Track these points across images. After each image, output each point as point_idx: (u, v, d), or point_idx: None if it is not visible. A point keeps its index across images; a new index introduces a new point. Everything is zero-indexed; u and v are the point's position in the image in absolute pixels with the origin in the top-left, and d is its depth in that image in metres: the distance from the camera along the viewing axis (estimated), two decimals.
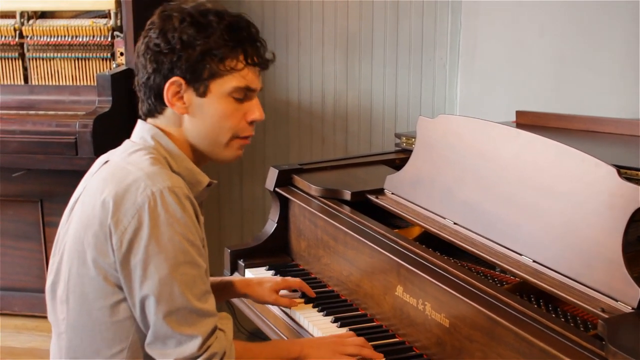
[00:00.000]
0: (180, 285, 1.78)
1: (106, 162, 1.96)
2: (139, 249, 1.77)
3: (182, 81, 1.90)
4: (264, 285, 2.43)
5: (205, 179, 2.01)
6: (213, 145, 1.98)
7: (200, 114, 1.93)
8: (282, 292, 2.47)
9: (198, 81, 1.90)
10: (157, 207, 1.77)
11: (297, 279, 2.50)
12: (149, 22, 1.96)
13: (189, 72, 1.89)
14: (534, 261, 2.05)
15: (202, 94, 1.91)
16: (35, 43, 3.80)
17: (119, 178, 1.83)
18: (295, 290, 2.51)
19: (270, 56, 2.03)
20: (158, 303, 1.78)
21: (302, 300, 2.47)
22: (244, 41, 1.93)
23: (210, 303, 1.86)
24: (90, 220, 1.83)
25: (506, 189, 2.19)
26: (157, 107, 1.95)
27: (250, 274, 2.72)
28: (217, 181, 2.13)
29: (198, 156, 2.00)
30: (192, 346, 1.81)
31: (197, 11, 1.91)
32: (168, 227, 1.77)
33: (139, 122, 2.01)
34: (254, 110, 2.00)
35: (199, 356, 1.81)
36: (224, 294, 2.44)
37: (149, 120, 1.99)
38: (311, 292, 2.48)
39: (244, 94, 1.96)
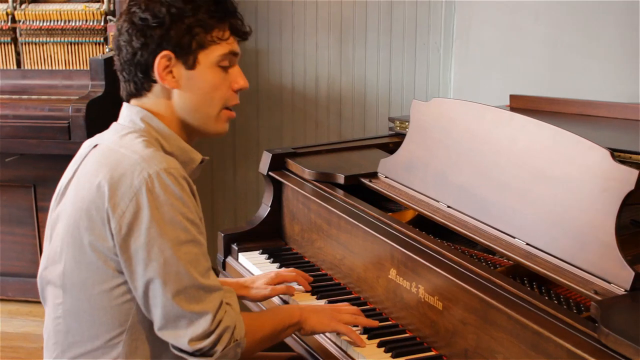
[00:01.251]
0: (185, 264, 1.78)
1: (95, 145, 1.94)
2: (140, 232, 1.76)
3: (171, 55, 1.89)
4: (257, 283, 2.41)
5: (198, 156, 2.01)
6: (204, 118, 1.97)
7: (190, 87, 1.93)
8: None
9: (187, 53, 1.90)
10: (155, 188, 1.76)
11: (292, 272, 2.46)
12: (128, 2, 1.94)
13: (178, 45, 1.89)
14: (527, 244, 2.05)
15: (191, 66, 1.91)
16: (28, 27, 3.78)
17: (113, 161, 1.82)
18: None
19: (247, 29, 2.04)
20: (165, 284, 1.77)
21: (301, 288, 2.45)
22: (229, 13, 1.95)
23: (214, 278, 1.86)
24: (85, 204, 1.82)
25: (500, 172, 2.19)
26: (144, 84, 1.94)
27: (243, 257, 2.72)
28: (209, 157, 2.12)
29: (188, 132, 1.99)
30: (204, 323, 1.80)
31: None
32: (168, 207, 1.76)
33: (125, 105, 1.99)
34: (238, 78, 2.01)
35: (212, 332, 1.81)
36: None
37: (134, 101, 1.97)
38: (308, 277, 2.47)
39: (228, 61, 1.97)
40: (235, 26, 1.97)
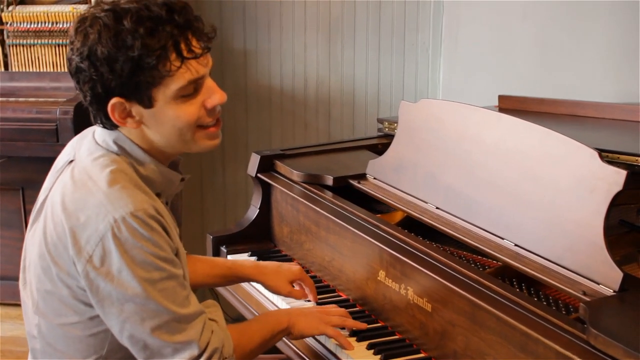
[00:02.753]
0: (161, 301, 1.73)
1: (71, 161, 1.87)
2: (112, 275, 1.70)
3: (122, 100, 1.74)
4: (280, 276, 2.34)
5: (176, 178, 1.92)
6: (181, 144, 1.85)
7: (155, 123, 1.80)
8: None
9: (138, 94, 1.74)
10: (122, 234, 1.69)
11: (310, 280, 2.40)
12: (69, 38, 1.79)
13: (125, 90, 1.73)
14: (515, 245, 2.05)
15: (149, 105, 1.76)
16: (15, 29, 3.77)
17: (79, 199, 1.75)
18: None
19: (209, 30, 1.82)
20: (143, 321, 1.73)
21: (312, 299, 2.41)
22: (170, 38, 1.72)
23: (194, 303, 1.82)
24: (53, 239, 1.78)
25: (488, 173, 2.19)
26: (112, 124, 1.82)
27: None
28: (190, 175, 2.04)
29: (172, 153, 1.90)
30: (191, 351, 1.78)
31: (112, 19, 1.71)
32: (138, 250, 1.70)
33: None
34: (212, 95, 1.83)
35: (200, 356, 1.79)
36: (233, 278, 2.38)
37: None
38: (315, 297, 2.39)
39: (193, 88, 1.79)
40: (183, 48, 1.74)
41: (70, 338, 1.83)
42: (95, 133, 1.88)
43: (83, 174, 1.79)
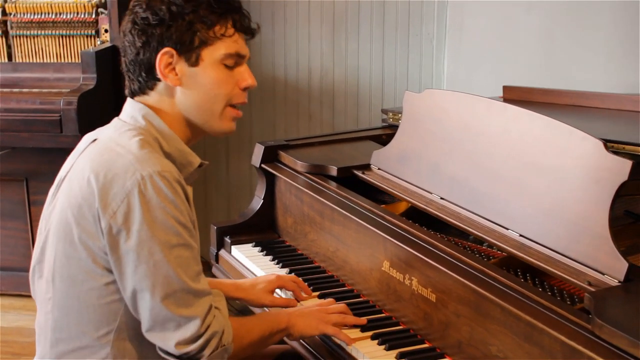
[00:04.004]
0: (175, 268, 1.76)
1: (94, 140, 1.92)
2: (131, 233, 1.74)
3: (173, 51, 1.86)
4: (257, 288, 2.37)
5: (196, 160, 1.99)
6: (208, 116, 1.95)
7: (193, 84, 1.90)
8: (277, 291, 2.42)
9: (189, 50, 1.87)
10: (147, 191, 1.73)
11: (292, 277, 2.42)
12: (132, 2, 1.93)
13: (179, 42, 1.86)
14: (520, 235, 2.05)
15: (194, 63, 1.89)
16: (19, 20, 3.77)
17: (107, 160, 1.80)
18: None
19: (255, 26, 2.00)
20: (154, 287, 1.75)
21: (298, 299, 2.40)
22: (231, 8, 1.91)
23: (204, 283, 1.84)
24: (77, 200, 1.80)
25: (493, 163, 2.18)
26: (148, 83, 1.92)
27: (236, 250, 2.71)
28: (208, 162, 2.10)
29: (192, 130, 1.97)
30: (193, 327, 1.79)
31: None
32: (160, 210, 1.74)
33: (129, 100, 1.96)
34: (246, 76, 1.97)
35: (200, 336, 1.80)
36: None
37: (139, 98, 1.95)
38: (307, 289, 2.41)
39: (234, 61, 1.93)
40: (238, 22, 1.93)
41: (84, 308, 1.83)
42: (122, 113, 1.95)
43: (110, 142, 1.86)
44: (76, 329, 1.86)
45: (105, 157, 1.81)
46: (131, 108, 1.93)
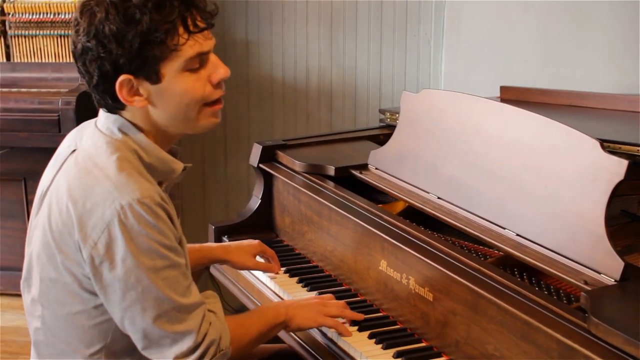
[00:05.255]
0: (163, 289, 1.75)
1: (74, 151, 1.86)
2: (116, 263, 1.72)
3: (130, 77, 1.75)
4: (243, 251, 2.41)
5: (179, 166, 1.91)
6: (185, 122, 1.86)
7: (162, 100, 1.80)
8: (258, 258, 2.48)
9: (147, 71, 1.75)
10: (128, 220, 1.70)
11: (271, 250, 2.50)
12: (74, 20, 1.80)
13: (133, 66, 1.74)
14: (517, 235, 2.05)
15: (157, 81, 1.77)
16: (17, 20, 3.77)
17: (84, 185, 1.75)
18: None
19: (212, 8, 1.83)
20: (144, 310, 1.74)
21: (281, 269, 2.51)
22: (177, 12, 1.74)
23: (194, 294, 1.83)
24: (58, 227, 1.78)
25: (490, 163, 2.19)
26: (116, 105, 1.82)
27: None
28: (191, 164, 2.04)
29: (172, 136, 1.90)
30: (189, 340, 1.79)
31: None
32: (143, 237, 1.71)
33: (101, 112, 1.88)
34: (216, 69, 1.85)
35: (197, 347, 1.80)
36: (204, 260, 2.41)
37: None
38: (278, 266, 2.50)
39: (198, 62, 1.80)
40: (190, 24, 1.76)
41: (74, 328, 1.83)
42: (98, 122, 1.88)
43: (88, 161, 1.80)
44: (67, 348, 1.86)
45: (83, 182, 1.76)
46: (106, 119, 1.86)
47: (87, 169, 1.78)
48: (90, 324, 1.82)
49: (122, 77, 1.75)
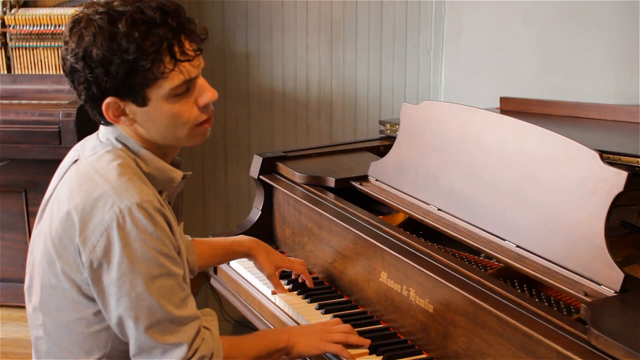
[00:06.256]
0: (158, 299, 1.75)
1: (76, 161, 1.89)
2: (112, 267, 1.73)
3: (116, 99, 1.77)
4: (270, 257, 2.47)
5: (178, 175, 1.93)
6: (175, 141, 1.88)
7: (148, 121, 1.82)
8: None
9: (133, 94, 1.77)
10: (126, 224, 1.72)
11: (301, 265, 2.52)
12: (63, 37, 1.80)
13: (119, 90, 1.75)
14: (517, 246, 2.06)
15: (143, 104, 1.78)
16: (18, 32, 3.78)
17: (85, 191, 1.77)
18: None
19: (202, 32, 1.83)
20: (138, 318, 1.75)
21: (289, 287, 2.49)
22: (164, 41, 1.74)
23: (191, 307, 1.83)
24: (58, 233, 1.79)
25: (490, 174, 2.19)
26: (107, 122, 1.84)
27: (235, 262, 2.71)
28: (191, 172, 2.07)
29: (165, 150, 1.91)
30: (179, 352, 1.79)
31: (107, 21, 1.73)
32: (140, 243, 1.72)
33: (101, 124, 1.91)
34: (203, 93, 1.85)
35: None
36: (231, 254, 2.51)
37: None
38: (310, 283, 2.50)
39: (185, 88, 1.80)
40: (177, 52, 1.76)
41: (74, 335, 1.84)
42: (99, 133, 1.91)
43: (89, 169, 1.82)
44: (68, 355, 1.87)
45: (84, 188, 1.78)
46: (105, 131, 1.89)
47: (88, 175, 1.80)
48: (90, 331, 1.83)
49: (108, 99, 1.77)
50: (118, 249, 1.72)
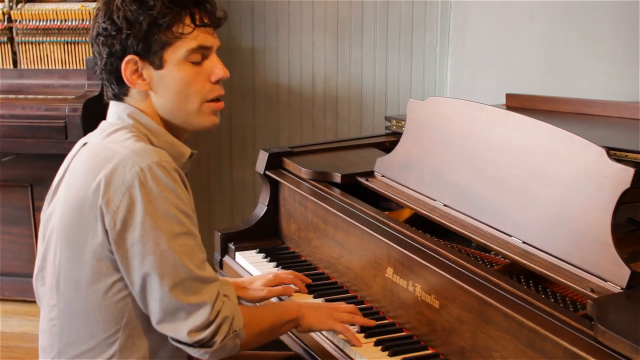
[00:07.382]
0: (180, 256, 1.78)
1: (85, 144, 1.95)
2: (135, 226, 1.76)
3: (136, 58, 1.89)
4: (254, 284, 2.41)
5: (187, 150, 2.00)
6: (185, 115, 1.96)
7: (162, 87, 1.92)
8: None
9: (151, 54, 1.89)
10: (147, 182, 1.76)
11: (289, 274, 2.47)
12: (95, 9, 1.96)
13: (140, 47, 1.88)
14: (523, 242, 2.05)
15: (159, 66, 1.90)
16: (24, 27, 3.79)
17: (104, 158, 1.82)
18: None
19: (221, 14, 1.99)
20: (162, 277, 1.77)
21: (296, 288, 2.46)
22: (188, 4, 1.90)
23: (210, 270, 1.87)
24: (77, 202, 1.82)
25: (496, 170, 2.19)
26: (121, 89, 1.95)
27: (241, 257, 2.72)
28: (197, 151, 2.11)
29: (175, 129, 1.99)
30: (203, 313, 1.81)
31: None
32: (162, 200, 1.77)
33: (112, 103, 1.99)
34: (215, 69, 1.96)
35: (211, 322, 1.82)
36: None
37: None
38: (306, 279, 2.48)
39: (200, 55, 1.93)
40: (197, 17, 1.91)
41: (90, 310, 1.85)
42: (108, 114, 1.99)
43: (103, 142, 1.89)
44: (84, 332, 1.88)
45: (102, 156, 1.84)
46: (116, 109, 1.97)
47: (103, 146, 1.87)
48: (107, 303, 1.84)
49: (128, 57, 1.89)
50: (140, 207, 1.76)
